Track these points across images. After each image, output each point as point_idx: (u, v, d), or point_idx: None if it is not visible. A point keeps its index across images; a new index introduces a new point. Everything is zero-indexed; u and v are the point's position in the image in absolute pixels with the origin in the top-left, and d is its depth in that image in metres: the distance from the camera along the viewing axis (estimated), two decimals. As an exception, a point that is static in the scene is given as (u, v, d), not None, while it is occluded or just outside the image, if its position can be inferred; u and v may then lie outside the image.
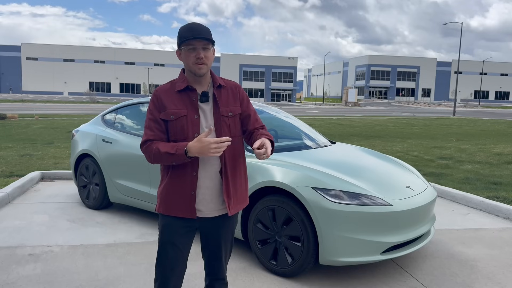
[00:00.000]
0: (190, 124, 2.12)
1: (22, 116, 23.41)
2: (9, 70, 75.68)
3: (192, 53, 2.09)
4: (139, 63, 78.78)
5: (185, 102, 2.14)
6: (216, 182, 2.17)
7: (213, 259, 2.35)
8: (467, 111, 46.37)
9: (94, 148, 5.25)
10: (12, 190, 5.69)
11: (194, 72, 2.12)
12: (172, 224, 2.19)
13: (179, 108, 2.13)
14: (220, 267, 2.37)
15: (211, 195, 2.17)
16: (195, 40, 2.07)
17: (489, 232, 4.78)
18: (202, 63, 2.09)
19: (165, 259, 2.21)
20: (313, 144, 4.57)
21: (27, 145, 11.07)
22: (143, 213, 5.26)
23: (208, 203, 2.18)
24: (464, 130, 19.20)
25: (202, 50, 2.08)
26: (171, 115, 2.12)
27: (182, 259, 2.23)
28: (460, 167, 8.71)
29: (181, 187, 2.14)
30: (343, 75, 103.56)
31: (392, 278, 3.53)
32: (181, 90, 2.16)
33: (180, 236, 2.20)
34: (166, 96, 2.16)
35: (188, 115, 2.12)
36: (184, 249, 2.23)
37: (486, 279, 3.54)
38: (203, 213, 2.19)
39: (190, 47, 2.08)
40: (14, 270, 3.52)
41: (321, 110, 42.64)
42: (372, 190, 3.43)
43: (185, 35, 2.08)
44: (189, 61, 2.11)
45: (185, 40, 2.07)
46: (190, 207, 2.15)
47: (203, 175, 2.15)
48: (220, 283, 2.41)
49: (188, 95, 2.15)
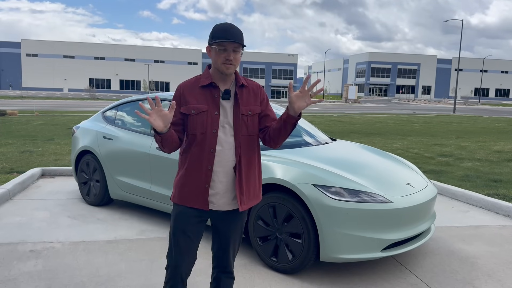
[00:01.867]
0: (210, 120, 2.19)
1: (22, 112, 23.40)
2: (9, 66, 75.57)
3: (223, 54, 2.14)
4: (139, 60, 78.67)
5: (207, 98, 2.21)
6: (230, 177, 2.23)
7: (221, 252, 2.39)
8: (467, 109, 46.36)
9: (95, 145, 5.25)
10: (12, 186, 5.69)
11: (221, 71, 2.18)
12: (185, 214, 2.26)
13: (200, 104, 2.20)
14: (228, 260, 2.41)
15: (225, 189, 2.23)
16: (228, 42, 2.12)
17: (489, 229, 4.79)
18: (231, 64, 2.16)
19: (177, 247, 2.29)
20: (314, 141, 4.57)
21: (27, 141, 11.07)
22: (144, 209, 5.27)
23: (221, 197, 2.24)
24: (464, 128, 19.20)
25: (232, 52, 2.14)
26: (192, 110, 2.20)
27: (192, 248, 2.31)
28: (460, 164, 8.71)
29: (196, 179, 2.22)
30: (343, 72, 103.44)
31: (393, 275, 3.54)
32: (204, 86, 2.23)
33: (192, 226, 2.27)
34: (189, 91, 2.24)
35: (209, 111, 2.20)
36: (195, 238, 2.30)
37: (486, 276, 3.55)
38: (215, 206, 2.25)
39: (221, 47, 2.14)
40: (16, 266, 3.53)
41: (321, 107, 42.61)
42: (372, 187, 3.43)
43: (218, 35, 2.13)
44: (218, 60, 2.16)
45: (218, 40, 2.12)
46: (203, 199, 2.22)
47: (218, 170, 2.21)
48: (226, 276, 2.45)
49: (210, 92, 2.22)
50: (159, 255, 3.83)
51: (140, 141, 4.74)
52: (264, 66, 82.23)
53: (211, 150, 2.19)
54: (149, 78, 77.50)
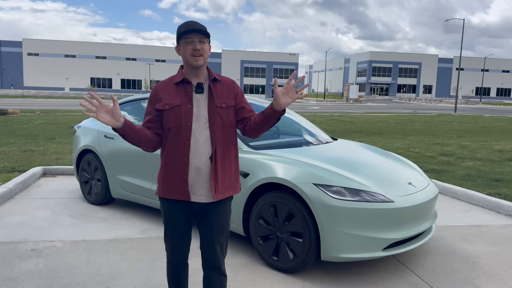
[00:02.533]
0: (183, 113, 2.28)
1: (24, 111, 23.42)
2: (11, 65, 75.66)
3: (190, 46, 2.25)
4: (140, 59, 78.70)
5: (180, 93, 2.31)
6: (207, 167, 2.30)
7: (206, 246, 2.41)
8: (468, 108, 46.30)
9: (96, 144, 5.26)
10: (14, 185, 5.70)
11: (191, 64, 2.27)
12: (171, 208, 2.38)
13: (173, 99, 2.30)
14: (214, 256, 2.40)
15: (202, 180, 2.30)
16: (192, 34, 2.24)
17: (490, 229, 4.78)
18: (199, 54, 2.25)
19: (170, 237, 2.43)
20: (315, 141, 4.57)
21: (28, 140, 11.08)
22: (145, 208, 5.27)
23: (199, 187, 2.31)
24: (466, 127, 19.18)
25: (198, 43, 2.24)
26: (166, 105, 2.30)
27: (186, 235, 2.43)
28: (462, 164, 8.70)
29: (174, 171, 2.31)
30: (345, 72, 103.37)
31: (394, 274, 3.53)
32: (178, 83, 2.33)
33: (180, 223, 2.39)
34: (164, 89, 2.35)
35: (182, 105, 2.29)
36: (186, 233, 2.42)
37: (487, 276, 3.54)
38: (197, 197, 2.32)
39: (187, 40, 2.25)
40: (17, 265, 3.53)
41: (322, 107, 42.59)
42: (373, 187, 3.43)
43: (182, 30, 2.25)
44: (186, 53, 2.26)
45: (183, 34, 2.24)
46: (183, 190, 2.30)
47: (195, 161, 2.29)
48: (215, 272, 2.42)
49: (184, 87, 2.32)
50: (160, 254, 3.83)
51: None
52: (265, 65, 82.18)
53: (186, 142, 2.27)
54: (150, 77, 77.51)
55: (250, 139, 4.14)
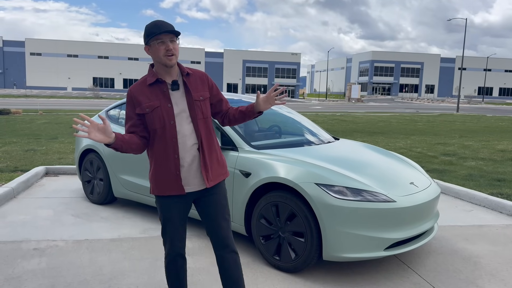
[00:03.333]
0: (165, 113, 2.35)
1: (26, 111, 23.48)
2: (13, 65, 75.79)
3: (162, 46, 2.30)
4: (142, 59, 78.71)
5: (157, 94, 2.37)
6: (196, 159, 2.41)
7: (213, 228, 2.49)
8: (470, 108, 46.19)
9: (98, 143, 5.27)
10: (16, 185, 5.72)
11: (165, 64, 2.33)
12: (167, 204, 2.45)
13: (152, 101, 2.35)
14: (222, 234, 2.49)
15: (194, 171, 2.41)
16: (163, 34, 2.29)
17: (492, 228, 4.77)
18: (172, 54, 2.31)
19: (167, 231, 2.50)
20: (317, 140, 4.57)
21: (31, 140, 11.11)
22: (147, 208, 5.28)
23: (193, 178, 2.42)
24: (468, 127, 19.14)
25: (170, 43, 2.30)
26: (147, 108, 2.36)
27: (181, 228, 2.51)
28: (464, 163, 8.69)
29: (166, 169, 2.39)
30: (347, 71, 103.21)
31: (396, 274, 3.53)
32: (152, 84, 2.38)
33: (177, 211, 2.46)
34: (140, 92, 2.39)
35: (162, 106, 2.35)
36: (182, 221, 2.50)
37: (489, 276, 3.54)
38: (191, 187, 2.43)
39: (159, 41, 2.29)
40: (19, 264, 3.55)
41: (324, 106, 42.56)
42: (375, 186, 3.43)
43: (153, 31, 2.29)
44: (159, 54, 2.31)
45: (154, 35, 2.28)
46: (177, 185, 2.39)
47: (184, 155, 2.38)
48: (227, 251, 2.50)
49: (159, 87, 2.38)
50: (162, 254, 3.84)
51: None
52: (267, 65, 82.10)
53: (173, 139, 2.35)
54: (152, 77, 77.47)
55: (252, 139, 4.15)
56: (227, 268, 2.50)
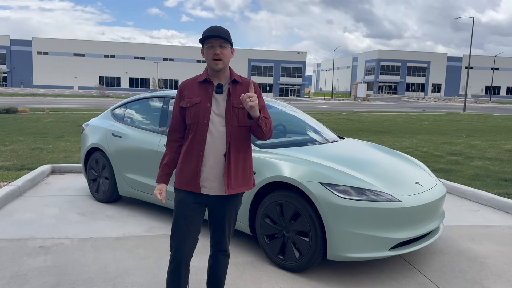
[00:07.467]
0: (202, 111, 2.43)
1: (33, 110, 23.63)
2: (20, 64, 76.30)
3: (211, 50, 2.39)
4: (148, 58, 78.95)
5: (201, 92, 2.47)
6: (220, 164, 2.44)
7: (217, 232, 2.61)
8: (477, 107, 45.88)
9: (104, 142, 5.29)
10: (23, 183, 5.76)
11: (212, 67, 2.42)
12: (184, 200, 2.48)
13: (194, 97, 2.46)
14: (223, 239, 2.63)
15: (215, 174, 2.44)
16: (213, 39, 2.38)
17: (499, 229, 4.74)
18: (219, 59, 2.38)
19: (178, 232, 2.49)
20: (322, 139, 4.55)
21: (37, 138, 11.18)
22: (152, 206, 5.30)
23: (211, 181, 2.45)
24: (475, 126, 19.01)
25: (219, 48, 2.38)
26: (188, 103, 2.47)
27: (193, 231, 2.50)
28: (470, 163, 8.63)
29: (189, 164, 2.46)
30: (352, 70, 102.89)
31: (401, 274, 3.52)
32: (201, 82, 2.49)
33: (191, 211, 2.48)
34: (188, 87, 2.52)
35: (201, 103, 2.44)
36: (195, 222, 2.50)
37: (495, 276, 3.51)
38: (207, 190, 2.46)
39: (209, 45, 2.39)
40: (25, 262, 3.57)
41: (330, 105, 42.47)
42: (381, 186, 3.41)
43: (204, 35, 2.39)
44: (208, 57, 2.41)
45: (205, 38, 2.38)
46: (195, 182, 2.45)
47: (209, 156, 2.43)
48: (222, 253, 2.67)
49: (205, 86, 2.48)
50: (167, 252, 3.85)
51: (149, 139, 4.76)
52: (273, 64, 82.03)
53: (202, 137, 2.42)
54: (158, 76, 77.76)
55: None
56: (217, 267, 2.69)
